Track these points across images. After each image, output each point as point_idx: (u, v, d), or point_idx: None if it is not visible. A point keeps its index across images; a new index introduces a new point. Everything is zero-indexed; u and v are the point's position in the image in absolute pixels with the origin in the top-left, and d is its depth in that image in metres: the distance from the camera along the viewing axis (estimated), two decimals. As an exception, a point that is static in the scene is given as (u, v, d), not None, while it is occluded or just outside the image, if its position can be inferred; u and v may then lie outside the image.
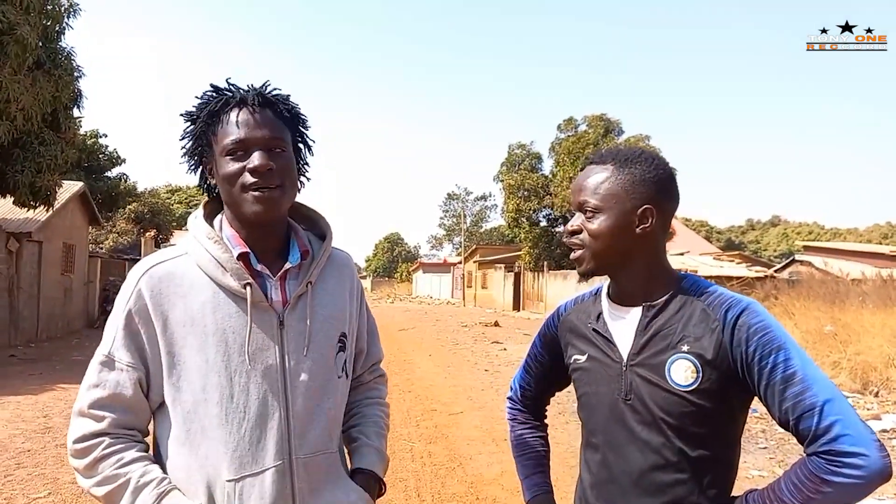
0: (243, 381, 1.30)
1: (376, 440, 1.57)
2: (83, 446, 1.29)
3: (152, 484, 1.28)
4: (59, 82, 12.08)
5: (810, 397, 1.20)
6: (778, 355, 1.25)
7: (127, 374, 1.30)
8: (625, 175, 1.37)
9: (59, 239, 17.11)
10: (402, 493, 4.89)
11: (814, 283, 13.66)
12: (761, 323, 1.28)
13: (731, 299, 1.34)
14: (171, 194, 46.15)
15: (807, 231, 78.31)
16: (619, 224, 1.36)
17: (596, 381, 1.43)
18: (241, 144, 1.31)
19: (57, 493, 4.76)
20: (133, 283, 1.32)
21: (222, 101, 1.34)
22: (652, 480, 1.34)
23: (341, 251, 1.57)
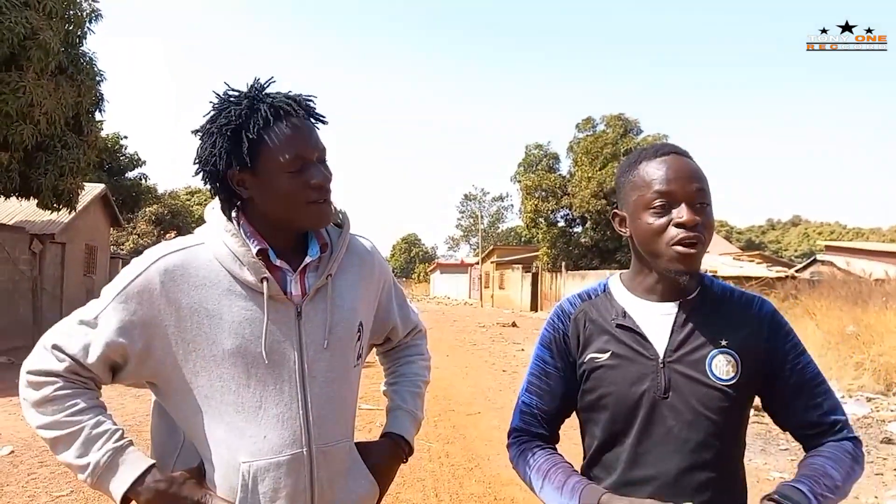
0: (260, 373, 1.30)
1: (411, 401, 1.62)
2: (35, 380, 1.27)
3: (106, 436, 1.26)
4: (82, 87, 12.28)
5: (832, 397, 1.37)
6: (805, 356, 1.37)
7: (99, 347, 1.28)
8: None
9: (81, 240, 17.36)
10: (420, 493, 4.90)
11: (836, 284, 13.49)
12: (788, 325, 1.40)
13: (755, 297, 1.42)
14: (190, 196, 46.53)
15: (828, 231, 77.34)
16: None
17: (624, 379, 1.36)
18: (299, 161, 1.30)
19: (79, 490, 4.82)
20: (145, 265, 1.30)
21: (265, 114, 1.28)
22: (690, 480, 1.31)
23: (363, 239, 1.56)
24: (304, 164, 1.30)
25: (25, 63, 10.54)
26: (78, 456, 1.25)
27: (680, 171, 1.32)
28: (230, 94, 1.34)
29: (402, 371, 1.68)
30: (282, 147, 1.29)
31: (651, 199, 1.32)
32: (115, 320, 1.28)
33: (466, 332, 20.59)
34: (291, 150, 1.29)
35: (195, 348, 1.29)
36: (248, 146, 1.28)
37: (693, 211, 1.29)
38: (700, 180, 1.33)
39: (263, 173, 1.30)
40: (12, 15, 10.07)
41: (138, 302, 1.28)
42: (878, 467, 5.95)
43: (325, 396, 1.37)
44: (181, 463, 1.38)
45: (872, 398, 9.05)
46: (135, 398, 8.04)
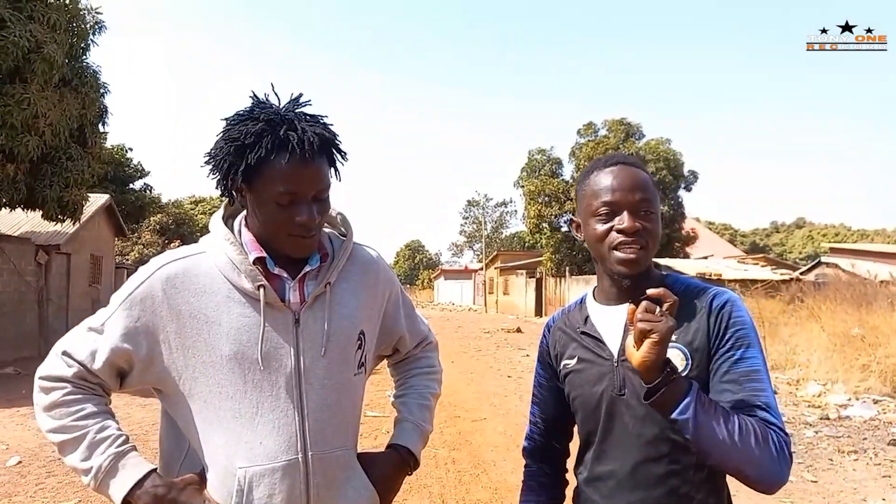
0: (257, 379, 1.32)
1: (418, 413, 1.62)
2: (46, 385, 1.33)
3: (108, 440, 1.30)
4: (86, 99, 12.34)
5: (765, 396, 1.29)
6: (748, 351, 1.33)
7: (105, 353, 1.32)
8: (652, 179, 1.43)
9: (86, 251, 17.42)
10: (426, 499, 4.91)
11: (841, 286, 13.45)
12: (741, 318, 1.35)
13: (715, 289, 1.41)
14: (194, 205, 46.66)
15: (833, 233, 77.09)
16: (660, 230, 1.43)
17: (588, 381, 1.45)
18: (291, 196, 1.31)
19: (87, 500, 4.84)
20: (148, 273, 1.35)
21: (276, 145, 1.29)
22: (647, 473, 1.36)
23: (368, 249, 1.58)
24: (295, 200, 1.31)
25: (30, 75, 10.60)
26: (82, 459, 1.29)
27: (624, 182, 1.39)
28: (259, 106, 1.35)
29: (411, 383, 1.68)
30: (276, 180, 1.30)
31: (597, 207, 1.40)
32: (121, 327, 1.32)
33: (471, 338, 20.57)
34: (284, 185, 1.30)
35: (194, 354, 1.32)
36: (244, 168, 1.31)
37: (635, 218, 1.36)
38: (644, 190, 1.38)
39: (257, 195, 1.33)
40: (17, 28, 10.15)
41: (142, 309, 1.32)
42: (885, 469, 5.93)
43: (322, 403, 1.38)
44: (186, 468, 1.40)
45: (879, 400, 9.02)
46: (141, 407, 8.06)
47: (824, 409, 8.45)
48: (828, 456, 6.37)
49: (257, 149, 1.29)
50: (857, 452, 6.47)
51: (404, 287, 14.88)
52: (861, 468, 5.97)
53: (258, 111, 1.34)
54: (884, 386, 9.41)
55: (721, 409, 1.25)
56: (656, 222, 1.39)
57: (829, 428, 7.55)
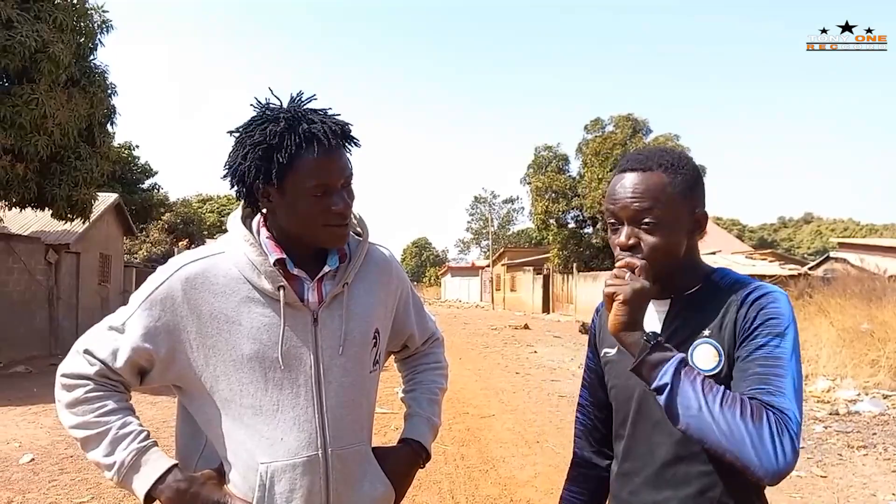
0: (277, 377, 1.34)
1: (428, 408, 1.65)
2: (68, 382, 1.35)
3: (131, 436, 1.32)
4: (94, 99, 12.38)
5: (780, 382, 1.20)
6: (775, 339, 1.24)
7: (126, 352, 1.33)
8: (677, 182, 1.31)
9: (95, 250, 17.52)
10: (436, 495, 4.93)
11: (849, 281, 13.39)
12: (776, 309, 1.26)
13: (758, 284, 1.33)
14: (202, 204, 46.84)
15: (841, 228, 76.64)
16: (680, 235, 1.33)
17: (623, 373, 1.40)
18: (323, 187, 1.33)
19: (99, 497, 4.89)
20: (168, 274, 1.35)
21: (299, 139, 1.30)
22: (675, 472, 1.33)
23: (382, 248, 1.60)
24: (328, 190, 1.33)
25: (37, 75, 10.65)
26: (105, 455, 1.31)
27: (623, 193, 1.32)
28: (269, 109, 1.36)
29: (419, 378, 1.71)
30: (309, 173, 1.31)
31: (607, 217, 1.38)
32: (141, 326, 1.33)
33: (478, 335, 20.59)
34: (317, 177, 1.31)
35: (215, 353, 1.34)
36: (277, 168, 1.31)
37: (631, 233, 1.31)
38: (643, 200, 1.29)
39: (288, 193, 1.33)
40: (24, 28, 10.18)
41: (162, 309, 1.34)
42: (894, 464, 5.92)
43: (340, 401, 1.40)
44: (203, 463, 1.42)
45: (889, 395, 8.99)
46: (151, 405, 8.11)
47: (833, 405, 8.43)
48: (837, 451, 6.36)
49: (285, 146, 1.30)
50: (866, 447, 6.46)
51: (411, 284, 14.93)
52: (870, 463, 5.96)
53: (274, 113, 1.34)
54: (893, 381, 9.38)
55: (708, 381, 1.20)
56: (660, 233, 1.30)
57: (838, 423, 7.54)
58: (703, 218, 1.36)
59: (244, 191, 1.38)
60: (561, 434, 6.98)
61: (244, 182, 1.36)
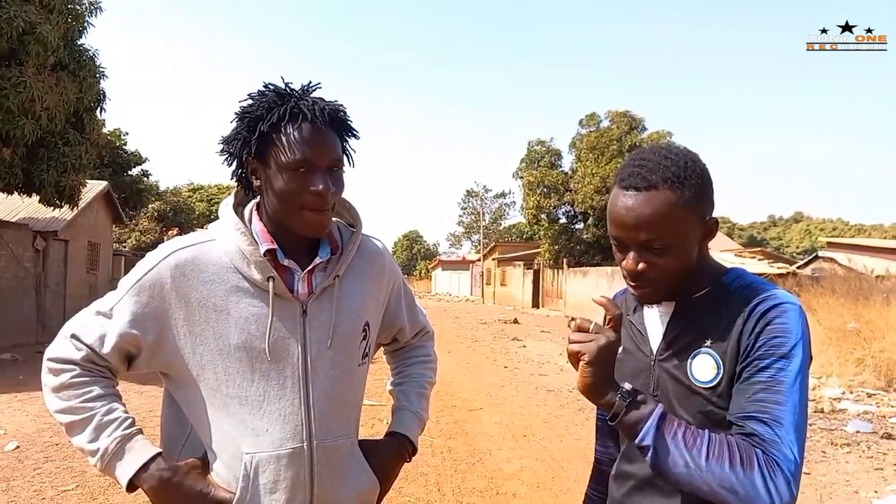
0: (264, 368, 1.33)
1: (416, 402, 1.64)
2: (55, 366, 1.33)
3: (115, 423, 1.31)
4: (83, 83, 12.25)
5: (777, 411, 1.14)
6: (779, 361, 1.16)
7: (113, 338, 1.32)
8: (686, 197, 1.22)
9: (84, 237, 17.39)
10: (422, 487, 4.94)
11: (837, 280, 13.48)
12: (784, 325, 1.18)
13: (769, 293, 1.23)
14: (192, 192, 46.56)
15: (830, 227, 77.16)
16: (691, 251, 1.26)
17: (627, 373, 1.37)
18: (305, 164, 1.30)
19: (84, 485, 4.86)
20: (157, 259, 1.34)
21: (288, 113, 1.31)
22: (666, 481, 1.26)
23: (374, 240, 1.58)
24: (310, 169, 1.31)
25: (25, 58, 10.52)
26: (89, 441, 1.30)
27: (626, 219, 1.24)
28: (270, 88, 1.37)
29: (408, 371, 1.70)
30: (290, 147, 1.30)
31: (611, 234, 1.31)
32: (129, 312, 1.32)
33: (468, 329, 20.62)
34: (299, 152, 1.29)
35: (202, 342, 1.33)
36: (258, 136, 1.32)
37: (639, 258, 1.25)
38: (650, 226, 1.21)
39: (271, 167, 1.33)
40: (11, 9, 10.05)
41: (150, 295, 1.33)
42: (878, 462, 5.97)
43: (327, 393, 1.39)
44: (187, 452, 1.41)
45: (873, 394, 9.07)
46: (138, 394, 8.08)
47: (819, 403, 8.49)
48: (821, 448, 6.41)
49: (270, 117, 1.31)
50: (849, 445, 6.51)
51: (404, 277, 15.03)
52: (854, 461, 6.01)
53: (269, 89, 1.36)
54: (878, 380, 9.46)
55: (690, 432, 1.15)
56: (671, 255, 1.24)
57: (822, 421, 7.60)
58: (714, 225, 1.29)
59: (235, 166, 1.39)
60: (548, 428, 7.00)
61: (234, 156, 1.37)
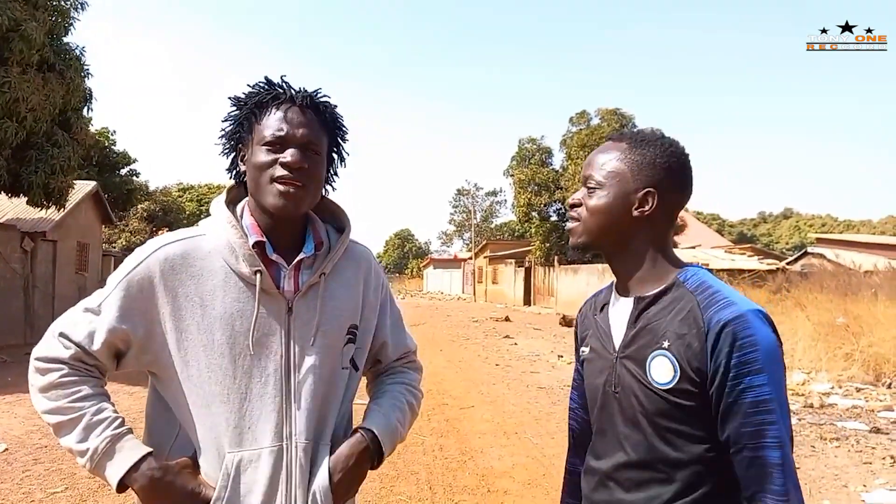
0: (246, 364, 1.33)
1: (389, 410, 1.50)
2: (42, 366, 1.32)
3: (105, 423, 1.29)
4: (70, 83, 12.15)
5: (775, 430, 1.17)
6: (759, 377, 1.17)
7: (103, 334, 1.32)
8: (634, 155, 1.34)
9: (73, 238, 17.28)
10: (414, 485, 4.93)
11: (826, 276, 13.59)
12: (750, 338, 1.18)
13: (725, 301, 1.24)
14: (182, 193, 46.35)
15: (819, 223, 77.66)
16: (617, 203, 1.33)
17: (593, 372, 1.42)
18: (279, 139, 1.34)
19: (74, 487, 4.83)
20: (146, 254, 1.35)
21: (272, 95, 1.37)
22: (628, 476, 1.32)
23: (362, 246, 1.58)
24: (284, 144, 1.34)
25: (9, 55, 10.40)
26: (78, 441, 1.28)
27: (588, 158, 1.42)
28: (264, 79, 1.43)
29: (387, 389, 1.58)
30: (267, 123, 1.36)
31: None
32: (118, 307, 1.32)
33: (460, 327, 20.63)
34: (275, 127, 1.34)
35: (188, 336, 1.33)
36: (244, 117, 1.38)
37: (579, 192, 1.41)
38: (592, 165, 1.39)
39: (252, 146, 1.37)
40: (-4, 7, 9.97)
41: (139, 289, 1.33)
42: (867, 456, 6.02)
43: (310, 393, 1.38)
44: (176, 452, 1.40)
45: (862, 388, 9.14)
46: (128, 395, 8.03)
47: (808, 397, 8.55)
48: (810, 443, 6.46)
49: (254, 98, 1.38)
50: (839, 439, 6.56)
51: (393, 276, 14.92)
52: (843, 455, 6.06)
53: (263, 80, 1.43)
54: (866, 375, 9.54)
55: None
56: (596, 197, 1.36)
57: (811, 415, 7.66)
58: (651, 198, 1.31)
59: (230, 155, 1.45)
60: (539, 425, 7.02)
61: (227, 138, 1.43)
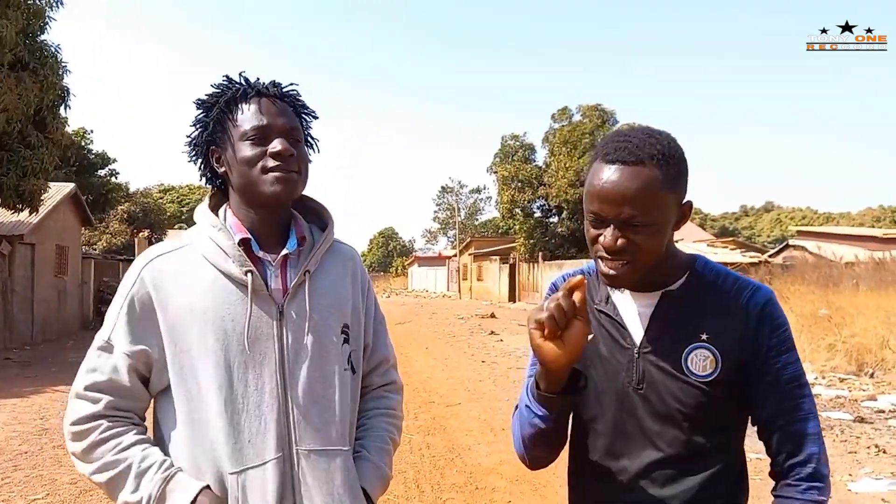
0: (241, 371, 1.30)
1: (377, 456, 1.48)
2: (80, 429, 1.29)
3: (154, 467, 1.27)
4: (45, 82, 11.91)
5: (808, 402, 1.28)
6: (791, 354, 1.27)
7: (124, 361, 1.30)
8: (670, 176, 1.21)
9: (51, 241, 17.01)
10: (401, 484, 4.90)
11: (807, 268, 13.73)
12: (782, 318, 1.29)
13: (752, 286, 1.31)
14: (163, 193, 45.95)
15: (800, 216, 78.43)
16: (667, 231, 1.25)
17: (599, 365, 1.34)
18: (262, 130, 1.34)
19: (55, 493, 4.75)
20: (136, 271, 1.34)
21: (241, 91, 1.37)
22: (661, 473, 1.29)
23: (348, 246, 1.56)
24: (268, 135, 1.34)
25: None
26: (132, 491, 1.26)
27: (610, 193, 1.20)
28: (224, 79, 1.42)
29: (369, 424, 1.53)
30: (245, 119, 1.35)
31: (588, 210, 1.25)
32: (127, 332, 1.32)
33: (445, 324, 20.62)
34: (254, 120, 1.34)
35: (182, 349, 1.31)
36: (214, 120, 1.37)
37: (619, 234, 1.21)
38: (636, 201, 1.18)
39: (231, 144, 1.36)
40: (-34, 6, 9.77)
41: (140, 307, 1.33)
42: (851, 446, 6.07)
43: (308, 396, 1.34)
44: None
45: (845, 378, 9.23)
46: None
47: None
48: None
49: (221, 100, 1.36)
50: (823, 430, 6.56)
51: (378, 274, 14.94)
52: (828, 445, 6.06)
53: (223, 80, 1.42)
54: (849, 365, 9.64)
55: None
56: (650, 233, 1.21)
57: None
58: (688, 208, 1.28)
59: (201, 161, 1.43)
60: (527, 421, 7.00)
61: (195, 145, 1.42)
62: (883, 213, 67.44)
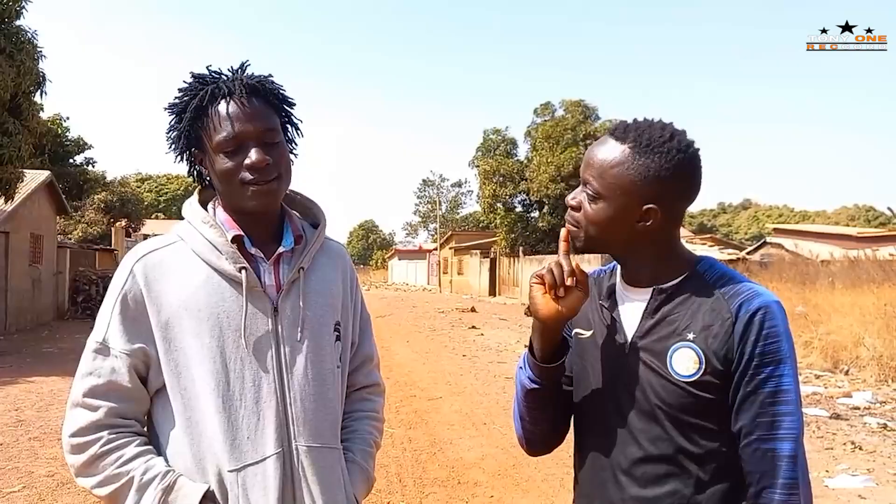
0: (238, 368, 1.29)
1: (362, 460, 1.50)
2: (80, 441, 1.26)
3: (156, 479, 1.25)
4: (21, 67, 11.67)
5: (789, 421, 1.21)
6: (780, 368, 1.20)
7: (122, 361, 1.27)
8: (638, 164, 1.23)
9: (26, 229, 16.73)
10: (383, 478, 4.88)
11: (784, 265, 13.91)
12: (774, 328, 1.21)
13: (750, 291, 1.26)
14: (141, 182, 45.32)
15: (777, 214, 79.49)
16: (618, 217, 1.26)
17: (596, 359, 1.35)
18: (234, 140, 1.28)
19: (31, 486, 4.68)
20: (127, 268, 1.31)
21: (208, 95, 1.31)
22: (644, 471, 1.27)
23: (337, 242, 1.55)
24: (242, 145, 1.29)
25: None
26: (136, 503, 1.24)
27: (587, 156, 1.31)
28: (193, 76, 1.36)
29: (354, 427, 1.54)
30: (217, 126, 1.29)
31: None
32: (122, 330, 1.29)
33: (426, 318, 20.62)
34: (227, 128, 1.29)
35: (176, 347, 1.29)
36: (188, 125, 1.32)
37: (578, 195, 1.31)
38: (593, 167, 1.27)
39: (208, 152, 1.32)
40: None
41: (133, 304, 1.30)
42: (828, 442, 6.16)
43: (306, 392, 1.33)
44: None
45: (821, 375, 9.37)
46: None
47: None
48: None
49: (190, 106, 1.31)
50: (800, 425, 6.70)
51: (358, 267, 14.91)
52: (805, 441, 6.18)
53: (192, 77, 1.36)
54: (825, 362, 9.78)
55: None
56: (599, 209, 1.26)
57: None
58: (654, 214, 1.24)
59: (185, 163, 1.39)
60: (508, 416, 7.02)
61: (176, 150, 1.37)
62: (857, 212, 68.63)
